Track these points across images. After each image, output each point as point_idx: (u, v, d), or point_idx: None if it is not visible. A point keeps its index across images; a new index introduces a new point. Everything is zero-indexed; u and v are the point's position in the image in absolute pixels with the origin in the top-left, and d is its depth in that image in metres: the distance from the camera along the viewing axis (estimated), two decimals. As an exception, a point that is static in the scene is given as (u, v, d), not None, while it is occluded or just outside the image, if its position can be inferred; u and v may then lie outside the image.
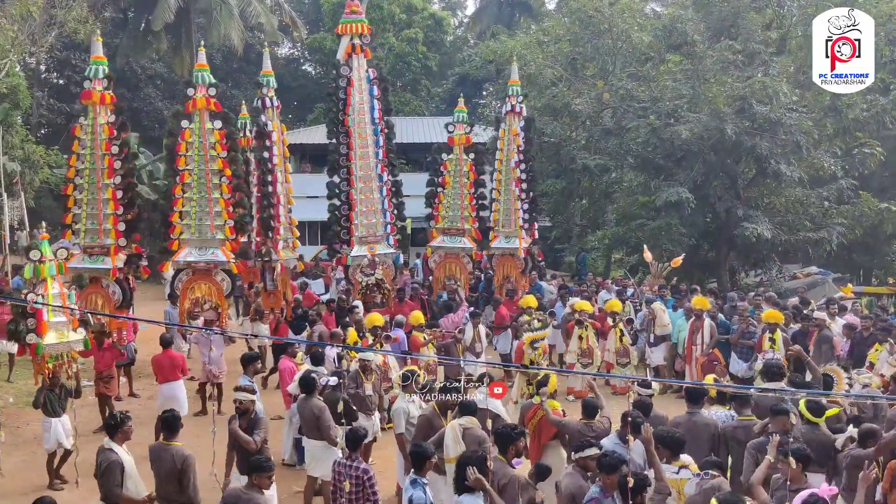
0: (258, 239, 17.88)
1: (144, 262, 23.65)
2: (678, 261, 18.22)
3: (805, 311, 15.63)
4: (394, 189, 18.34)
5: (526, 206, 19.83)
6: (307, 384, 9.37)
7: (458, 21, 56.02)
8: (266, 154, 17.31)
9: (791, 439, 7.44)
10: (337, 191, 17.89)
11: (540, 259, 20.87)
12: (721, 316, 15.59)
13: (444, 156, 19.36)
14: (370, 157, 17.62)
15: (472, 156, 19.14)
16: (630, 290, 19.59)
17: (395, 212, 18.46)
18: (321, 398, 9.39)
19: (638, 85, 24.79)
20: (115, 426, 7.76)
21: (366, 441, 8.86)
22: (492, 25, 45.48)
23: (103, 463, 7.52)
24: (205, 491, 8.18)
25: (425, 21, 45.51)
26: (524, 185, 19.72)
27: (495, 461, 7.08)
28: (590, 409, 8.56)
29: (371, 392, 10.57)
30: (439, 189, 19.44)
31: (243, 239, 16.65)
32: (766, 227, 21.13)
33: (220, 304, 15.25)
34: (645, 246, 19.50)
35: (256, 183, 18.05)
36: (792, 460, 6.68)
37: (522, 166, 19.68)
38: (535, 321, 14.12)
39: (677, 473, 7.06)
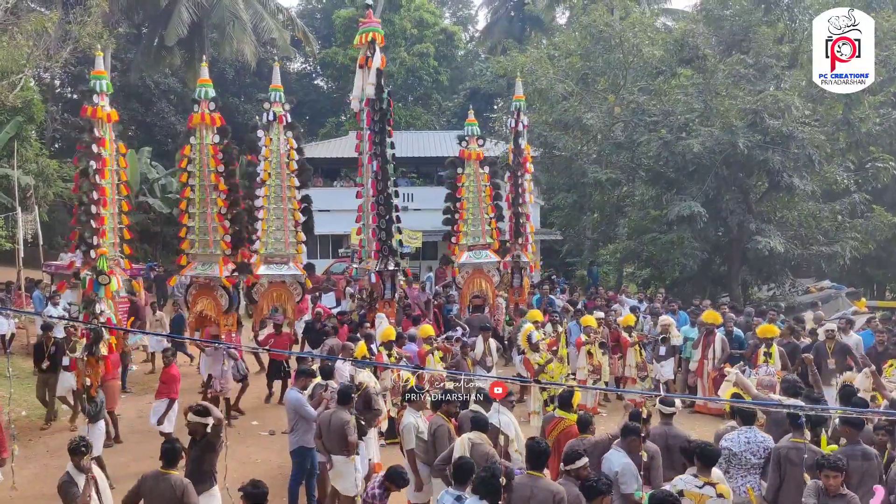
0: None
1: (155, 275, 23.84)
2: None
3: (797, 328, 15.53)
4: (388, 203, 17.46)
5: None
6: (344, 397, 9.42)
7: (469, 36, 56.25)
8: (258, 168, 17.12)
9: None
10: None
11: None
12: (738, 330, 15.53)
13: (458, 170, 19.25)
14: (368, 172, 17.47)
15: (487, 168, 19.08)
16: (643, 304, 19.55)
17: (385, 227, 17.47)
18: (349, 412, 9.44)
19: (649, 99, 24.79)
20: (81, 453, 7.63)
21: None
22: (503, 40, 45.62)
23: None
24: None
25: (436, 36, 45.72)
26: (534, 199, 19.83)
27: (528, 478, 7.07)
28: (583, 423, 8.55)
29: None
30: (458, 204, 19.13)
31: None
32: (778, 240, 21.06)
33: (218, 318, 15.27)
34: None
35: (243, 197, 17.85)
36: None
37: (531, 179, 19.82)
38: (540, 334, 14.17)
39: (701, 489, 6.99)
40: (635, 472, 7.54)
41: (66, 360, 13.33)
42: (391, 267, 17.21)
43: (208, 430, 8.31)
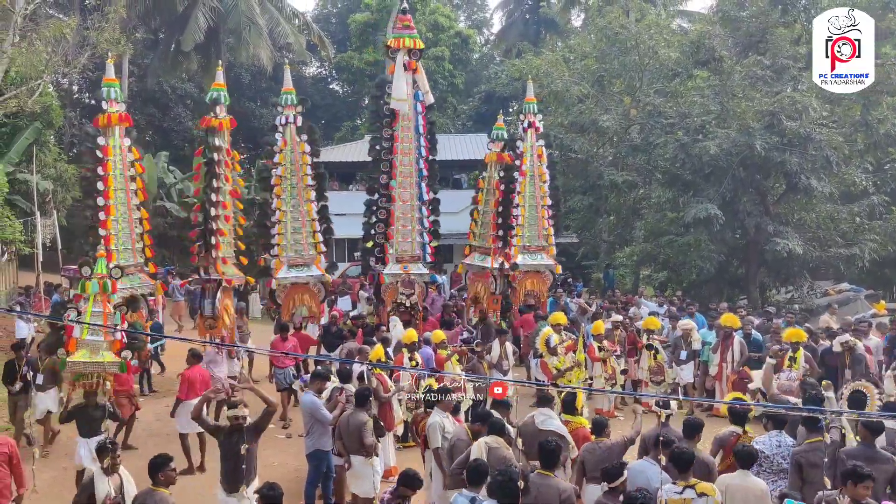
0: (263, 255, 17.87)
1: (174, 279, 23.96)
2: None
3: (815, 331, 15.41)
4: (431, 207, 17.99)
5: (552, 223, 19.88)
6: (361, 399, 9.49)
7: (484, 39, 56.23)
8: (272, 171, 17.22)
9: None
10: (374, 208, 17.86)
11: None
12: (756, 333, 15.42)
13: (483, 174, 19.34)
14: (413, 175, 17.48)
15: (501, 174, 19.09)
16: (663, 307, 19.47)
17: (433, 231, 18.06)
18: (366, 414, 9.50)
19: (665, 101, 24.70)
20: (106, 450, 7.64)
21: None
22: (518, 43, 45.55)
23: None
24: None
25: (451, 39, 45.74)
26: (550, 202, 19.78)
27: (538, 476, 7.07)
28: (598, 427, 8.50)
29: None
30: (475, 207, 19.33)
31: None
32: (796, 242, 20.92)
33: (232, 320, 15.41)
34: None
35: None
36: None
37: (548, 182, 19.77)
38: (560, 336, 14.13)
39: (681, 493, 6.94)
40: None
41: (39, 379, 12.40)
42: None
43: (247, 420, 8.39)
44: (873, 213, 22.81)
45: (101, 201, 14.33)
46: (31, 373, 12.33)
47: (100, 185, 14.36)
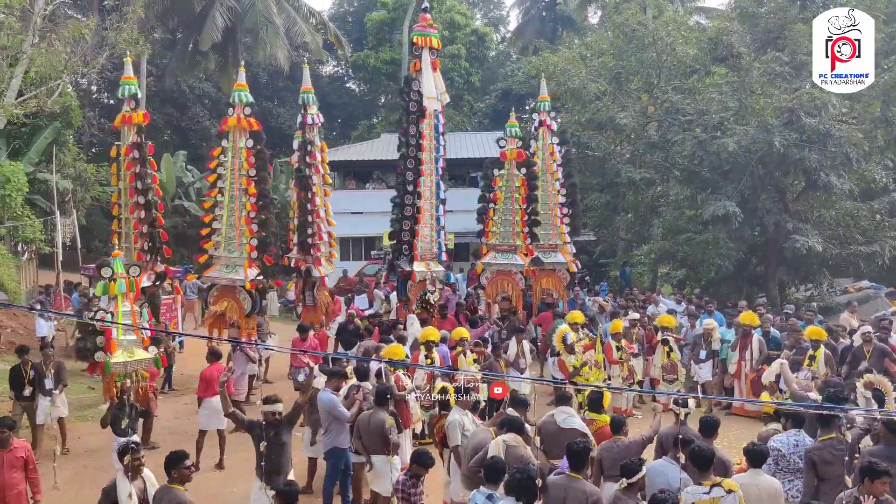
0: (298, 255, 17.92)
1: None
2: None
3: (835, 329, 15.30)
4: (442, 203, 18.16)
5: (567, 221, 19.81)
6: (381, 397, 9.50)
7: (500, 36, 56.17)
8: (307, 170, 17.34)
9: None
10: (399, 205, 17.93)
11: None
12: (775, 331, 15.33)
13: (495, 171, 19.29)
14: (433, 173, 17.56)
15: (524, 171, 19.03)
16: (682, 305, 19.38)
17: (443, 227, 18.25)
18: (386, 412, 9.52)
19: (683, 98, 24.57)
20: (127, 451, 7.61)
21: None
22: (534, 40, 45.45)
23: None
24: None
25: (468, 37, 45.71)
26: (565, 200, 19.72)
27: (566, 478, 7.04)
28: (615, 425, 8.47)
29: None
30: (490, 205, 19.27)
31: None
32: (816, 240, 20.77)
33: (240, 321, 15.44)
34: None
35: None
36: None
37: (561, 180, 19.72)
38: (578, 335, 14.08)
39: (708, 493, 6.81)
40: None
41: (49, 384, 12.21)
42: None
43: (280, 416, 8.46)
44: (894, 210, 22.64)
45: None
46: (48, 376, 12.34)
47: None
